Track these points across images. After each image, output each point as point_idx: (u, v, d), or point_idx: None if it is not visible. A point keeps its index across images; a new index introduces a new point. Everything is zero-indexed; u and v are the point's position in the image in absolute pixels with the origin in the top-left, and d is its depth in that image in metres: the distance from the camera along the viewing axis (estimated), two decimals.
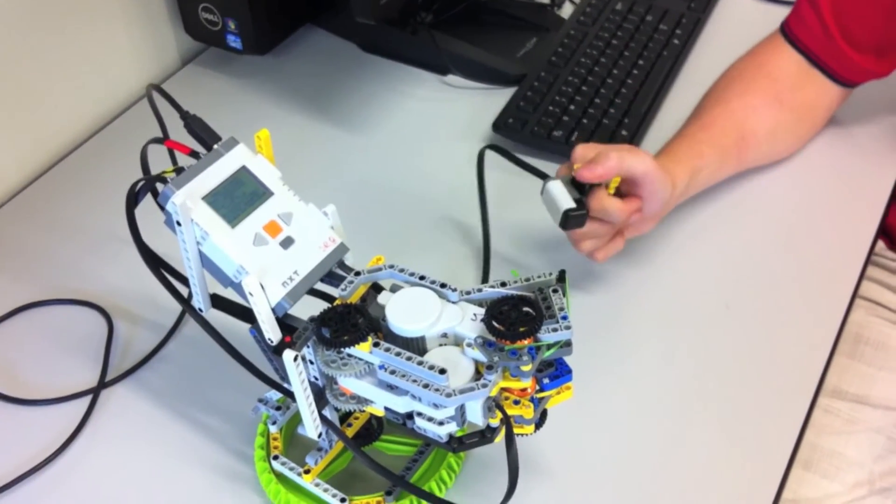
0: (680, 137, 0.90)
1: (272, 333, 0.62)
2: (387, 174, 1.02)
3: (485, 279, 0.87)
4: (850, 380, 0.96)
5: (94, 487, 0.75)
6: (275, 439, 0.72)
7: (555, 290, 0.60)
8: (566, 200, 0.77)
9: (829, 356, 0.81)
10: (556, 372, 0.60)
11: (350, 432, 0.70)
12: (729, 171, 0.92)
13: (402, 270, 0.64)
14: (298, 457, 0.70)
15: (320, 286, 0.66)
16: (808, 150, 0.99)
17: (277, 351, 0.61)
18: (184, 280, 0.68)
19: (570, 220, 0.77)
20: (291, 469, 0.69)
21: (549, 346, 0.58)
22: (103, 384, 0.82)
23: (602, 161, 0.76)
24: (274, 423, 0.71)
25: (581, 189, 0.78)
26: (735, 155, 0.91)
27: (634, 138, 0.99)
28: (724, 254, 0.90)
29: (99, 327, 0.88)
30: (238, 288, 0.63)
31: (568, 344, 0.58)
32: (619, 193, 0.79)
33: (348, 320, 0.60)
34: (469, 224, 0.93)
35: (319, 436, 0.65)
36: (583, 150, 0.79)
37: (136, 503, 0.73)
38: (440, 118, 1.09)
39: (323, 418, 0.65)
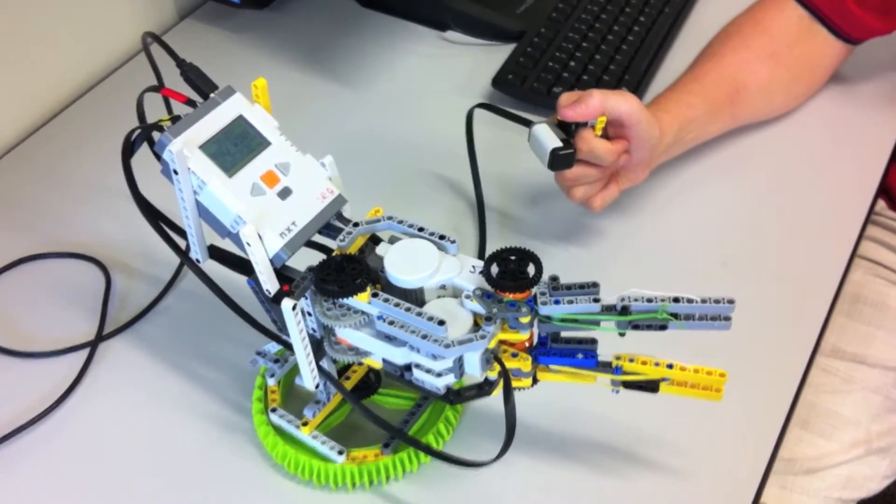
0: (670, 89, 0.89)
1: (270, 284, 0.62)
2: (385, 129, 1.01)
3: (481, 234, 0.86)
4: (848, 339, 0.96)
5: (92, 440, 0.75)
6: (273, 392, 0.72)
7: None
8: (552, 140, 0.76)
9: (827, 316, 0.81)
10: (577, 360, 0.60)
11: (348, 385, 0.70)
12: (721, 125, 0.92)
13: (400, 222, 0.63)
14: (296, 409, 0.70)
15: (318, 238, 0.66)
16: (809, 106, 0.99)
17: (276, 300, 0.61)
18: (181, 232, 0.67)
19: (557, 159, 0.76)
20: (289, 421, 0.69)
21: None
22: (101, 337, 0.82)
23: (585, 100, 0.76)
24: (272, 375, 0.71)
25: (567, 132, 0.77)
26: (727, 109, 0.90)
27: (635, 94, 0.98)
28: (721, 209, 0.89)
29: (96, 280, 0.88)
30: (235, 238, 0.63)
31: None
32: (607, 137, 0.78)
33: (347, 270, 0.59)
34: (466, 179, 0.92)
35: (317, 387, 0.65)
36: (567, 96, 0.78)
37: (134, 456, 0.73)
38: (439, 74, 1.08)
39: (320, 369, 0.65)
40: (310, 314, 0.63)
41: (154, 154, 0.63)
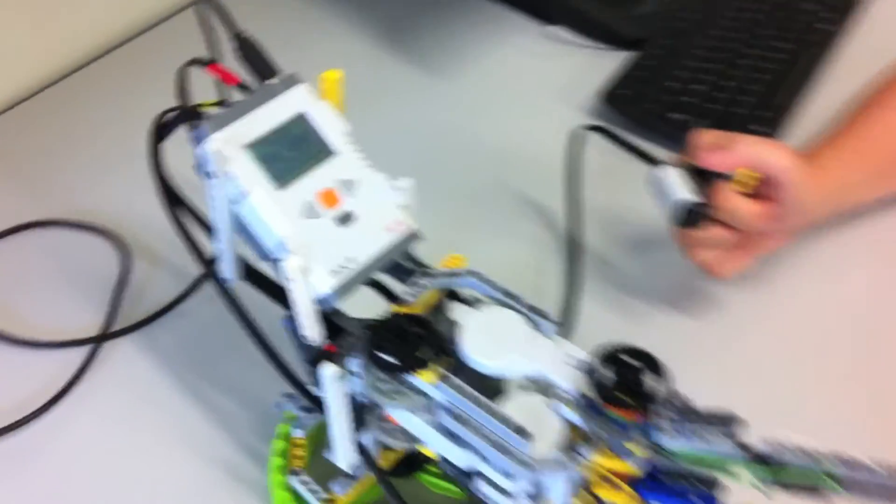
0: (827, 144, 0.73)
1: (311, 333, 0.49)
2: (466, 130, 0.87)
3: (571, 283, 0.72)
4: None
5: (73, 460, 0.63)
6: (297, 447, 0.59)
7: None
8: (684, 191, 0.62)
9: None
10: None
11: (389, 458, 0.56)
12: (882, 193, 0.76)
13: (487, 282, 0.49)
14: (323, 473, 0.56)
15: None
16: None
17: (315, 360, 0.47)
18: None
19: (689, 216, 0.62)
20: (313, 491, 0.56)
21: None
22: (106, 335, 0.70)
23: (732, 147, 0.63)
24: (299, 427, 0.58)
25: (703, 180, 0.63)
26: (892, 175, 0.75)
27: (770, 136, 0.83)
28: (870, 291, 0.72)
29: (113, 262, 0.76)
30: (275, 264, 0.50)
31: None
32: (750, 195, 0.65)
33: (410, 338, 0.46)
34: (556, 206, 0.78)
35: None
36: (708, 137, 0.64)
37: (119, 491, 0.61)
38: (537, 75, 0.94)
39: (359, 446, 0.52)
40: (356, 373, 0.50)
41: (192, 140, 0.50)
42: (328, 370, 0.46)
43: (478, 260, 0.52)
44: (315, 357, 0.47)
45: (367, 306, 0.50)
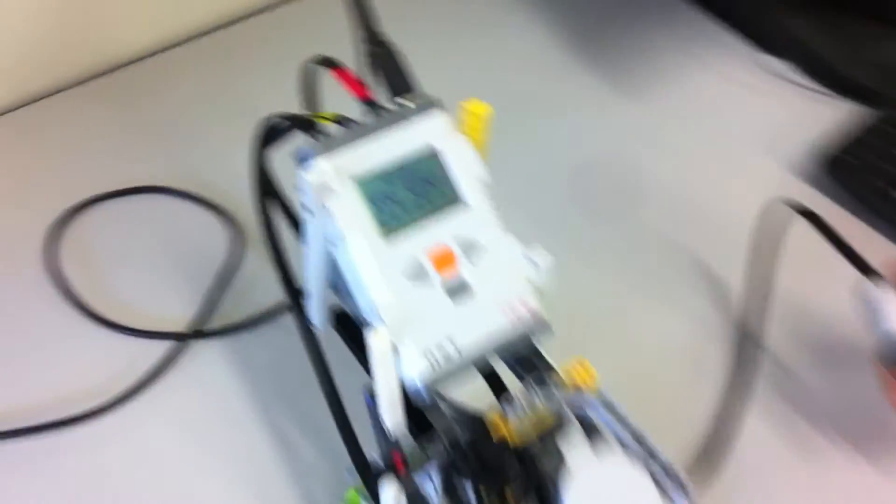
0: None
1: (390, 419, 0.39)
2: (638, 167, 0.74)
3: (736, 382, 0.59)
4: None
5: (130, 468, 0.55)
6: None
7: None
8: None
9: None
10: None
11: None
12: None
13: (615, 415, 0.38)
14: None
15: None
16: None
17: (378, 475, 0.38)
18: None
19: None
20: None
21: None
22: (197, 332, 0.62)
23: None
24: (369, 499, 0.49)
25: None
26: None
27: None
28: None
29: (224, 246, 0.68)
30: (363, 327, 0.40)
31: None
32: None
33: (504, 472, 0.36)
34: (735, 284, 0.65)
35: None
36: None
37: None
38: (740, 111, 0.80)
39: None
40: (431, 479, 0.40)
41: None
42: (389, 490, 0.37)
43: (624, 328, 0.40)
44: (385, 468, 0.38)
45: None
